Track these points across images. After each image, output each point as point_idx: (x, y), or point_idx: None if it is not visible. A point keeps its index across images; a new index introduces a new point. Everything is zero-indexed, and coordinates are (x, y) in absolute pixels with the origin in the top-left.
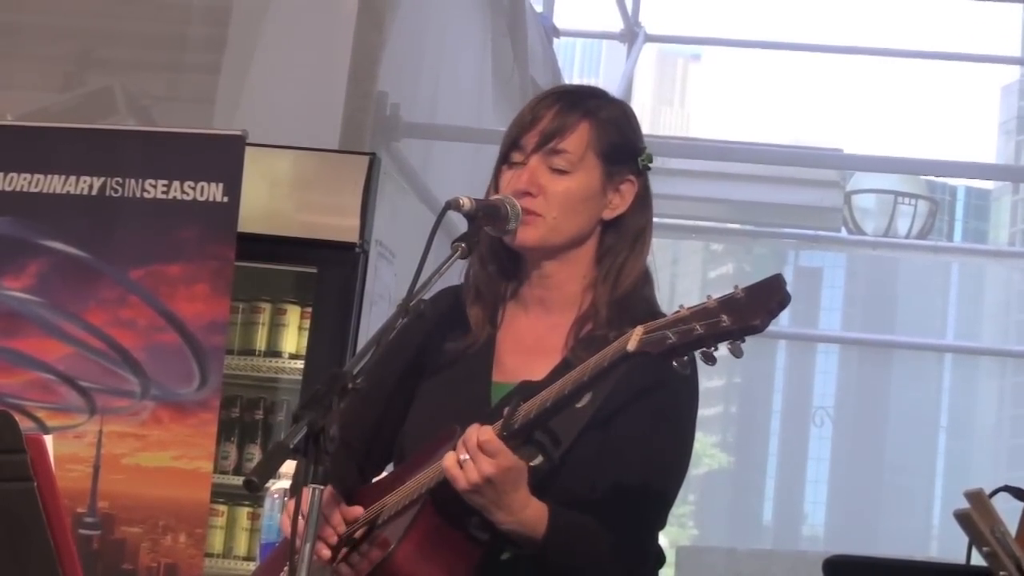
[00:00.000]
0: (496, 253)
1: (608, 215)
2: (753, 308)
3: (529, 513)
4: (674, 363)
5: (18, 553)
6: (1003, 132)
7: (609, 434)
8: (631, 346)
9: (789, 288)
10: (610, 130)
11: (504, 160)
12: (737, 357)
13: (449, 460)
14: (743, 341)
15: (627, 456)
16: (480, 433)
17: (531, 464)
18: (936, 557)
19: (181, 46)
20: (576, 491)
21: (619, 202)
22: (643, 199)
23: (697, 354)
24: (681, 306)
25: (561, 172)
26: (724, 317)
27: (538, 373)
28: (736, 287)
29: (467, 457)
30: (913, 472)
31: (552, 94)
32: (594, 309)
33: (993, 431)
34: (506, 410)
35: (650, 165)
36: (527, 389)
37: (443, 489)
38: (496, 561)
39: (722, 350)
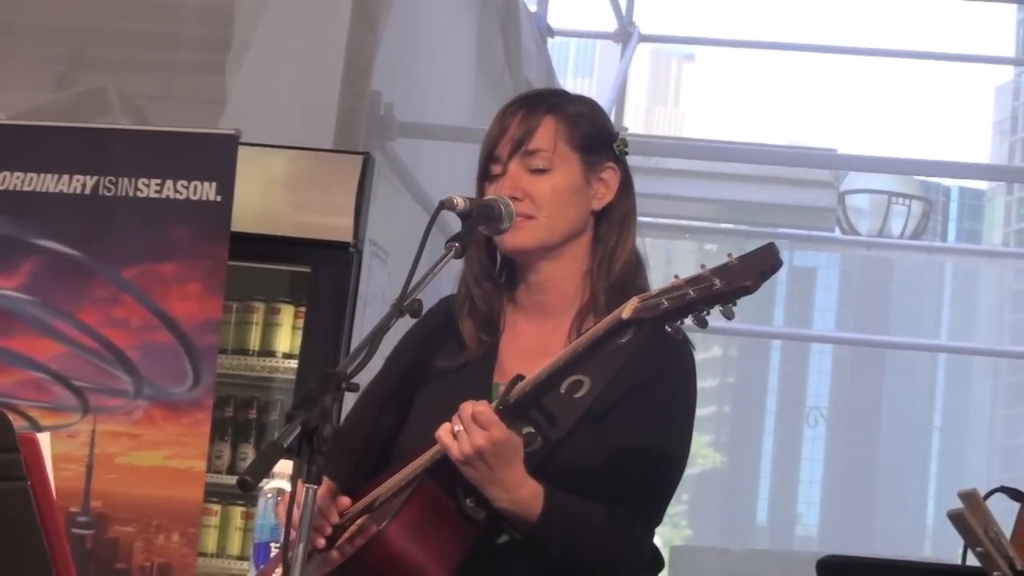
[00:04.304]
0: (487, 271)
1: (597, 205)
2: (745, 271)
3: (524, 492)
4: (667, 328)
5: (12, 552)
6: (997, 132)
7: (606, 426)
8: (625, 314)
9: (783, 288)
10: (580, 122)
11: (485, 176)
12: (728, 319)
13: (443, 429)
14: (735, 304)
15: (625, 449)
16: (475, 405)
17: (528, 450)
18: (930, 557)
19: (175, 45)
20: (572, 483)
21: (605, 191)
22: (625, 184)
23: (690, 320)
24: (676, 276)
25: (540, 171)
26: (716, 280)
27: None
28: (730, 255)
29: (461, 428)
30: (907, 472)
31: (515, 102)
32: (593, 299)
33: (987, 431)
34: (503, 386)
35: (626, 149)
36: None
37: (439, 470)
38: (493, 545)
39: (716, 350)
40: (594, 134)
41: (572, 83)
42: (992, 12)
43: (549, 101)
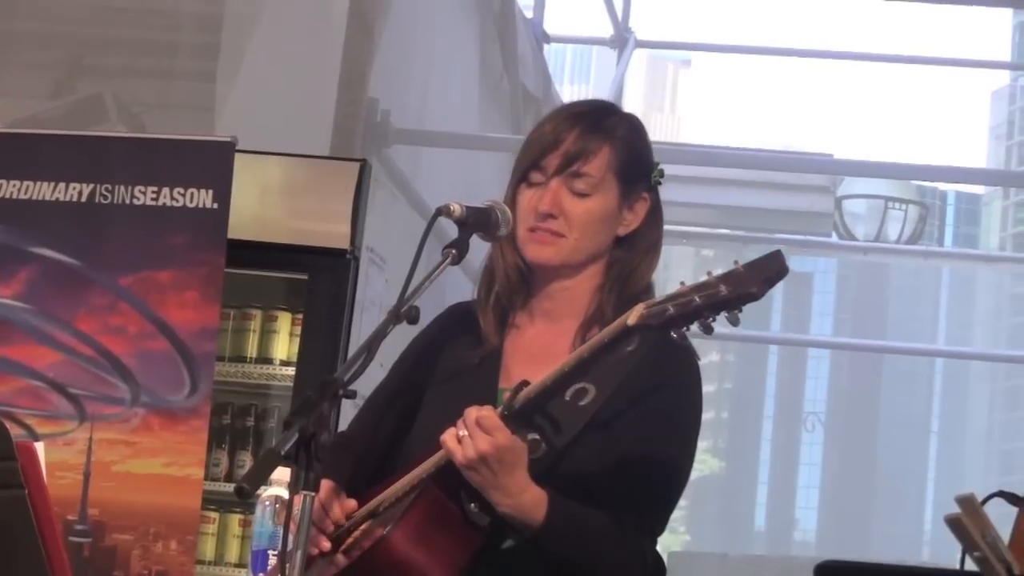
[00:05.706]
0: (518, 266)
1: (623, 232)
2: (751, 278)
3: (527, 498)
4: (673, 334)
5: (9, 560)
6: (993, 137)
7: (611, 434)
8: (631, 320)
9: (780, 293)
10: (628, 150)
11: (523, 179)
12: (734, 325)
13: (448, 434)
14: (740, 311)
15: (629, 457)
16: (479, 410)
17: (533, 456)
18: (928, 562)
19: (172, 53)
20: (576, 490)
21: (632, 219)
22: (655, 213)
23: (695, 326)
24: (682, 283)
25: (582, 195)
26: (722, 287)
27: None
28: (736, 262)
29: (465, 433)
30: (905, 477)
31: (572, 115)
32: (600, 313)
33: (984, 436)
34: (508, 391)
35: (661, 180)
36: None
37: (443, 475)
38: (497, 549)
39: (713, 355)
40: (636, 164)
41: (568, 89)
42: (988, 17)
43: (605, 125)
